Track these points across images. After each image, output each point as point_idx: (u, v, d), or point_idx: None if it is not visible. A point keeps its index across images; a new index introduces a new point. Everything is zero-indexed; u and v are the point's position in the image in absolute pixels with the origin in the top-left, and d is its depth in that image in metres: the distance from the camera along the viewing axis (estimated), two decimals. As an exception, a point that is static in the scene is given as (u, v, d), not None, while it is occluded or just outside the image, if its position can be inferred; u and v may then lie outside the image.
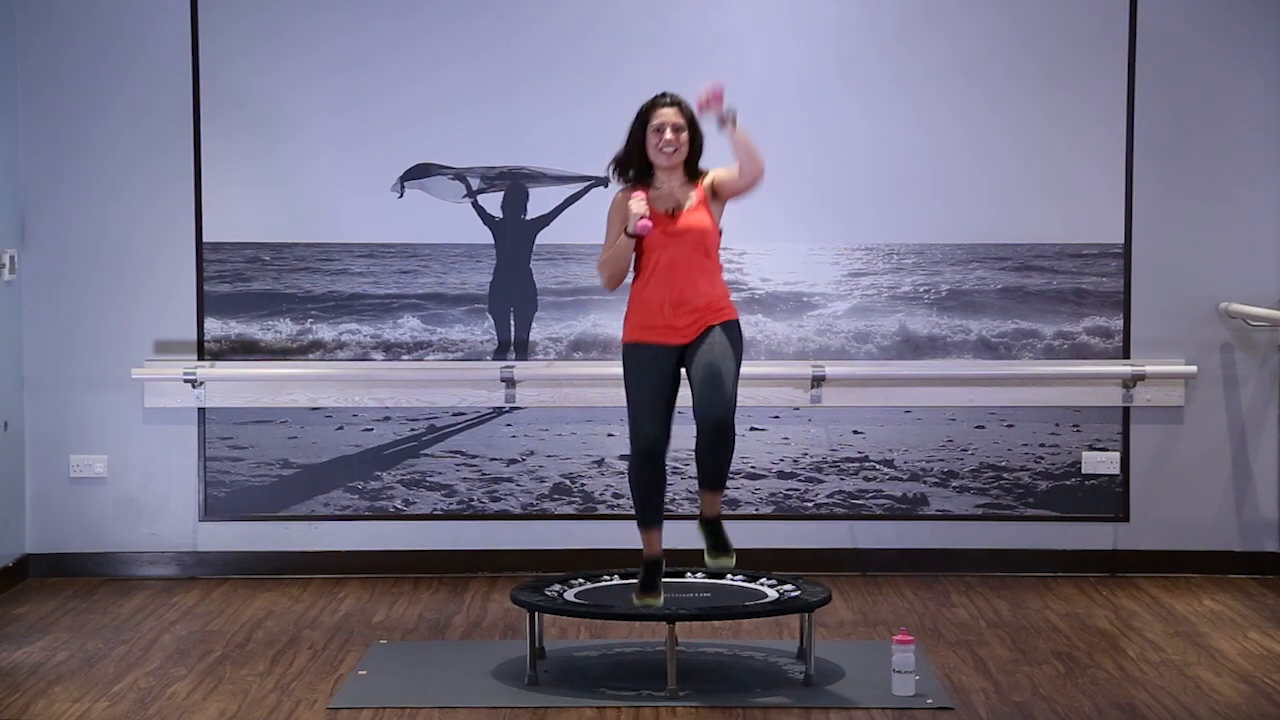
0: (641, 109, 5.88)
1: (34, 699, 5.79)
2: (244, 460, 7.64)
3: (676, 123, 5.81)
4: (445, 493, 7.65)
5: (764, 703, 5.68)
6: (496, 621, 6.85)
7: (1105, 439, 7.64)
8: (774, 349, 7.59)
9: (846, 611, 6.98)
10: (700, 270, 5.80)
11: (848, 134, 7.58)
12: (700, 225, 5.80)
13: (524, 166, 7.59)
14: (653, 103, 5.87)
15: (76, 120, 7.56)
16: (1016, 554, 7.63)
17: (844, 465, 7.65)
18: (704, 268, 5.81)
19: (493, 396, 7.59)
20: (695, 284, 5.78)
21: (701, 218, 5.81)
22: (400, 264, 7.64)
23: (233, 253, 7.62)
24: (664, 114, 5.82)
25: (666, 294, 5.77)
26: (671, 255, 5.78)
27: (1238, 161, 7.59)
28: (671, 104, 5.85)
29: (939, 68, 7.56)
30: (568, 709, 5.63)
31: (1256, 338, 7.61)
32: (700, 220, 5.81)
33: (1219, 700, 5.74)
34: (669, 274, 5.78)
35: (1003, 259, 7.64)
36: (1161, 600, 7.18)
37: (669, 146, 5.79)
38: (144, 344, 7.59)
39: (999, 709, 5.64)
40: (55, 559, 7.63)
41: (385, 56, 7.56)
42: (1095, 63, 7.55)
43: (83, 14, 7.54)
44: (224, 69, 7.54)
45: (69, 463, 7.62)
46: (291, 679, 6.03)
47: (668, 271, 5.78)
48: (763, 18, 7.57)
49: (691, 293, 5.77)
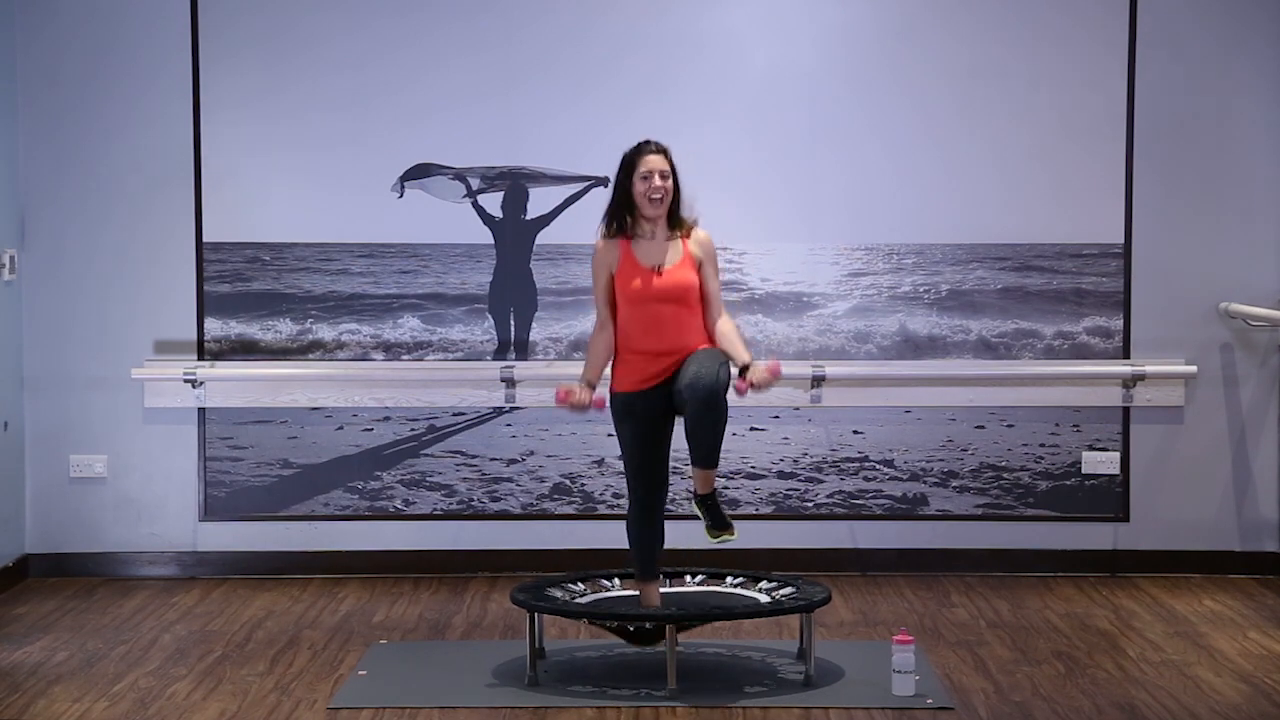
0: (626, 156, 5.92)
1: (34, 699, 5.79)
2: (244, 460, 7.64)
3: (663, 169, 5.87)
4: (445, 493, 7.65)
5: (764, 703, 5.68)
6: (496, 621, 6.85)
7: (1105, 439, 7.64)
8: (774, 349, 7.59)
9: (846, 611, 6.97)
10: (684, 324, 5.87)
11: (847, 134, 7.58)
12: (685, 282, 5.87)
13: (524, 166, 7.59)
14: (638, 149, 5.91)
15: (76, 120, 7.56)
16: (1016, 554, 7.63)
17: (844, 465, 7.65)
18: (687, 321, 5.88)
19: (493, 396, 7.59)
20: (679, 337, 5.85)
21: (686, 274, 5.87)
22: (400, 264, 7.64)
23: (233, 253, 7.62)
24: (651, 161, 5.86)
25: (651, 348, 5.85)
26: (656, 311, 5.85)
27: (1238, 161, 7.59)
28: (657, 151, 5.90)
29: (939, 68, 7.56)
30: (568, 709, 5.63)
31: (1256, 338, 7.60)
32: (685, 277, 5.87)
33: (1219, 700, 5.74)
34: (656, 330, 5.85)
35: (1003, 259, 7.64)
36: (1161, 600, 7.18)
37: (657, 193, 5.85)
38: (144, 344, 7.59)
39: (999, 709, 5.64)
40: (55, 559, 7.63)
41: (385, 56, 7.56)
42: (1095, 63, 7.55)
43: (83, 14, 7.54)
44: (224, 69, 7.54)
45: (69, 463, 7.62)
46: (291, 679, 6.03)
47: (654, 327, 5.85)
48: (762, 17, 7.57)
49: (676, 345, 5.84)
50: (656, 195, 5.84)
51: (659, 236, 5.90)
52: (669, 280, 5.85)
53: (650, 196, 5.84)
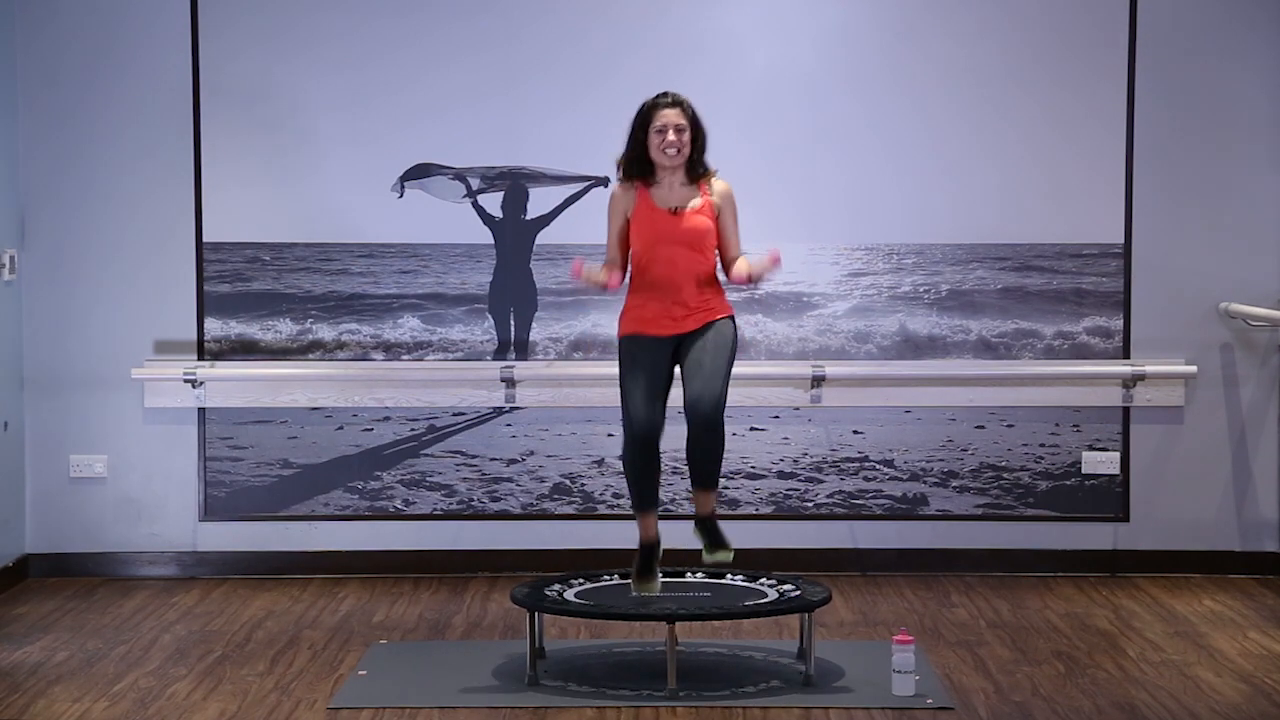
0: (642, 109, 5.87)
1: (34, 699, 5.79)
2: (244, 460, 7.64)
3: (679, 123, 5.81)
4: (445, 493, 7.65)
5: (764, 703, 5.68)
6: (496, 621, 6.85)
7: (1105, 439, 7.64)
8: (774, 349, 7.59)
9: (846, 611, 6.98)
10: (698, 269, 5.81)
11: (847, 134, 7.58)
12: (702, 227, 5.81)
13: (524, 166, 7.59)
14: (654, 103, 5.86)
15: (76, 120, 7.56)
16: (1016, 554, 7.63)
17: (844, 465, 7.65)
18: (701, 266, 5.82)
19: (493, 396, 7.59)
20: (693, 282, 5.80)
21: (703, 220, 5.82)
22: (400, 264, 7.64)
23: (233, 253, 7.62)
24: (666, 115, 5.82)
25: (664, 291, 5.79)
26: (670, 253, 5.79)
27: (1238, 161, 7.59)
28: (673, 104, 5.84)
29: (939, 68, 7.56)
30: (568, 709, 5.63)
31: (1256, 338, 7.60)
32: (702, 222, 5.81)
33: (1219, 700, 5.74)
34: (667, 272, 5.79)
35: (1003, 259, 7.64)
36: (1161, 600, 7.18)
37: (671, 148, 5.79)
38: (144, 344, 7.59)
39: (999, 709, 5.64)
40: (55, 559, 7.63)
41: (385, 56, 7.56)
42: (1095, 63, 7.55)
43: (83, 14, 7.54)
44: (224, 68, 7.54)
45: (69, 463, 7.62)
46: (291, 679, 6.03)
47: (666, 269, 5.79)
48: (762, 17, 7.57)
49: (689, 290, 5.79)
50: (671, 149, 5.80)
51: (677, 183, 5.85)
52: (687, 223, 5.79)
53: (664, 150, 5.80)
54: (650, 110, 5.84)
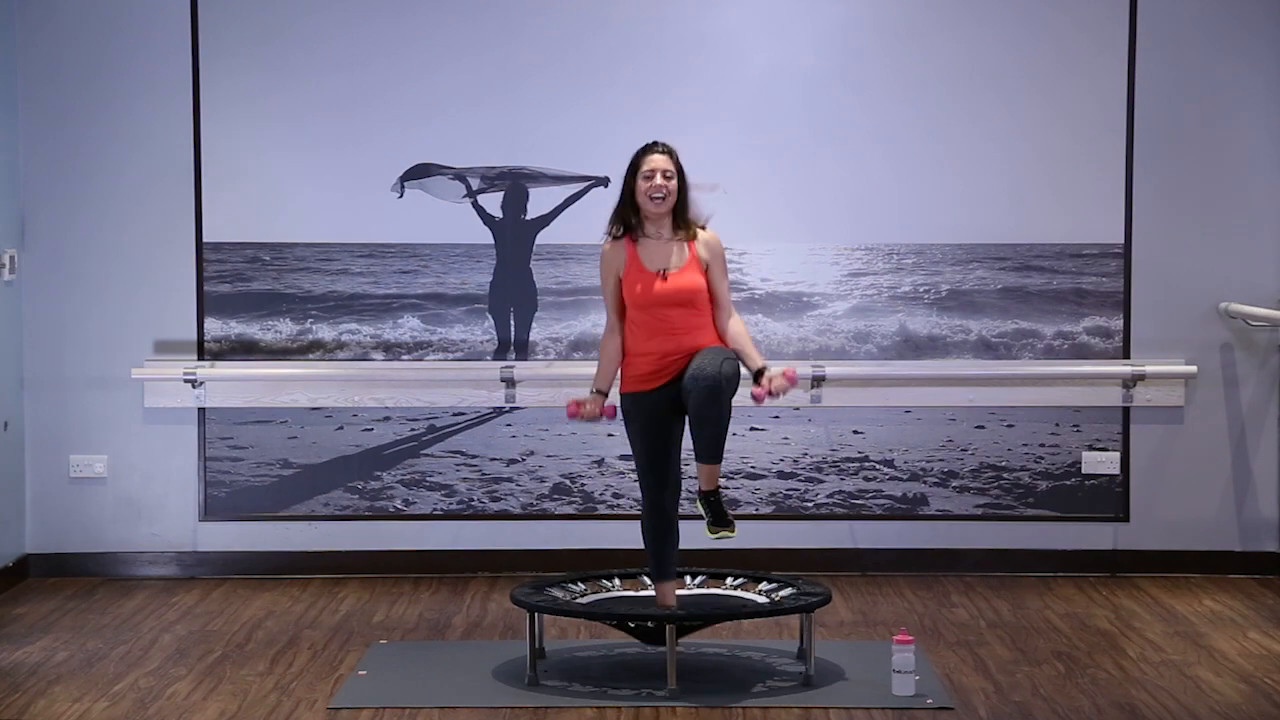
0: (633, 157, 5.93)
1: (34, 699, 5.79)
2: (244, 460, 7.64)
3: (666, 169, 5.88)
4: (445, 493, 7.65)
5: (764, 703, 5.68)
6: (496, 621, 6.85)
7: (1105, 439, 7.64)
8: (774, 349, 7.59)
9: (846, 611, 6.97)
10: (692, 326, 5.87)
11: (847, 134, 7.58)
12: (691, 285, 5.87)
13: (524, 166, 7.59)
14: (644, 150, 5.93)
15: (76, 120, 7.55)
16: (1016, 554, 7.63)
17: (844, 465, 7.65)
18: (696, 324, 5.88)
19: (493, 396, 7.59)
20: (687, 340, 5.85)
21: (693, 278, 5.87)
22: (400, 264, 7.64)
23: (233, 253, 7.62)
24: (655, 160, 5.88)
25: (659, 351, 5.85)
26: (663, 315, 5.86)
27: (1238, 161, 7.59)
28: (663, 151, 5.91)
29: (939, 68, 7.56)
30: (568, 709, 5.63)
31: (1256, 338, 7.60)
32: (691, 280, 5.87)
33: (1219, 700, 5.74)
34: (663, 333, 5.85)
35: (1003, 259, 7.64)
36: (1161, 600, 7.18)
37: (658, 192, 5.84)
38: (144, 344, 7.59)
39: (999, 709, 5.64)
40: (55, 559, 7.63)
41: (385, 56, 7.56)
42: (1095, 63, 7.55)
43: (83, 14, 7.53)
44: (224, 69, 7.54)
45: (69, 463, 7.62)
46: (291, 679, 6.03)
47: (661, 330, 5.85)
48: (762, 17, 7.57)
49: (685, 348, 5.84)
50: (658, 195, 5.84)
51: (665, 238, 5.90)
52: (675, 284, 5.85)
53: (651, 195, 5.84)
54: (640, 156, 5.92)
